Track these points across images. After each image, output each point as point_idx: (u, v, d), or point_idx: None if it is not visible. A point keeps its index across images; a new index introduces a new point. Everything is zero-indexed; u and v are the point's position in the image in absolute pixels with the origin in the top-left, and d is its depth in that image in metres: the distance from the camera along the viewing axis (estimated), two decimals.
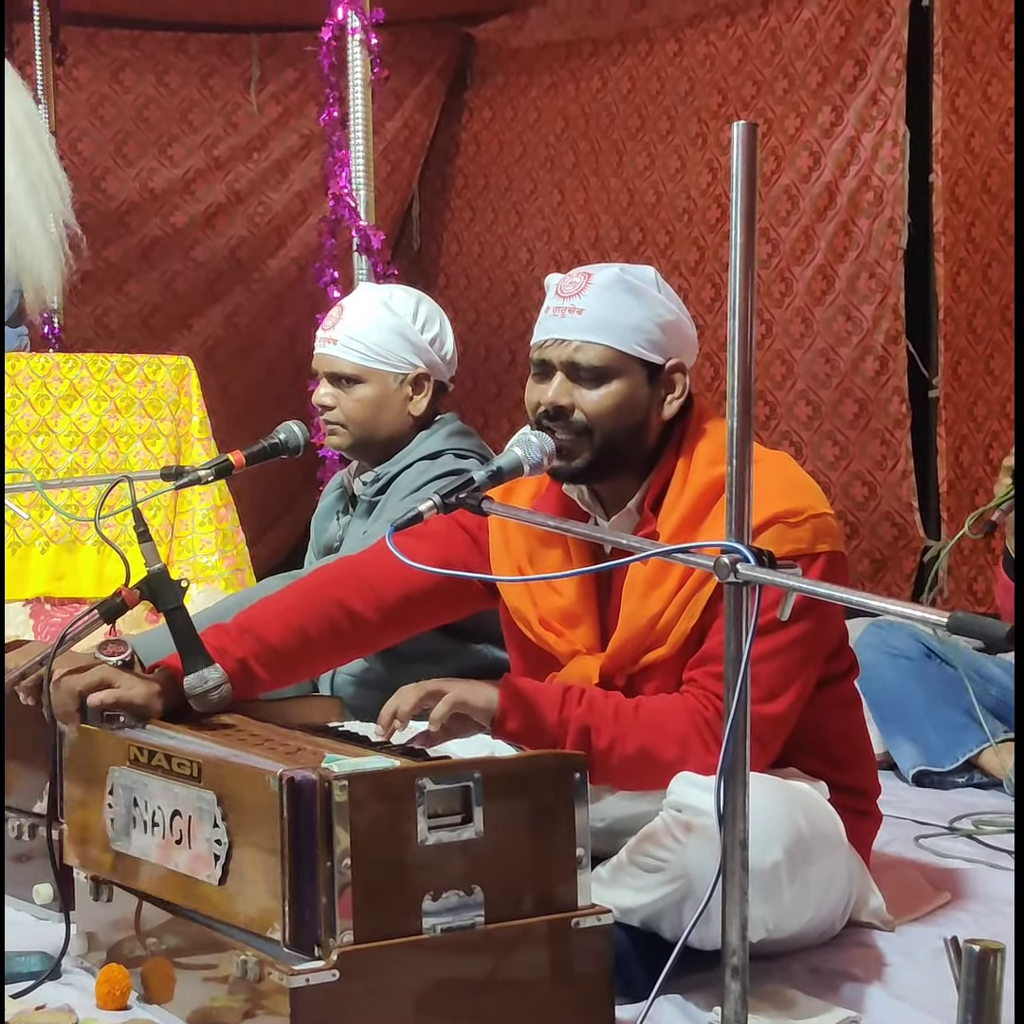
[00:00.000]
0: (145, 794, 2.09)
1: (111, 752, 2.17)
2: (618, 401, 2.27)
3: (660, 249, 6.15)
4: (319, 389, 3.09)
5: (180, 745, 2.11)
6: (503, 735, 2.20)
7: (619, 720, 2.18)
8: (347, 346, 3.04)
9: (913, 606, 1.68)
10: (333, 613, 2.42)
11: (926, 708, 3.42)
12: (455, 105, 7.14)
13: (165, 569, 2.26)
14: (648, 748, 2.18)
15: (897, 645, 3.50)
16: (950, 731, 3.39)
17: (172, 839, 2.04)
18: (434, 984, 1.89)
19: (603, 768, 2.18)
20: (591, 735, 2.16)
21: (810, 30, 5.64)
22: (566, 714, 2.17)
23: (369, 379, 3.05)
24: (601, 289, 2.27)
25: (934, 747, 3.41)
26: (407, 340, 3.06)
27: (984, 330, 5.10)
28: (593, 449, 2.27)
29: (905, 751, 3.45)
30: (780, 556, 2.02)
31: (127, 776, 2.12)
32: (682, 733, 2.17)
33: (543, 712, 2.17)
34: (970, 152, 5.11)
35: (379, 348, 3.04)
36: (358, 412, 3.06)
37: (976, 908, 2.59)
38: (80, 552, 4.23)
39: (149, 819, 2.08)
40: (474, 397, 6.74)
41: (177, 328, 6.74)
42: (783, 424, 5.74)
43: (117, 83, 6.62)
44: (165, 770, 2.06)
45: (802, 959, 2.27)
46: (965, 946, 1.60)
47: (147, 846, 2.10)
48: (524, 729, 2.17)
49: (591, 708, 2.18)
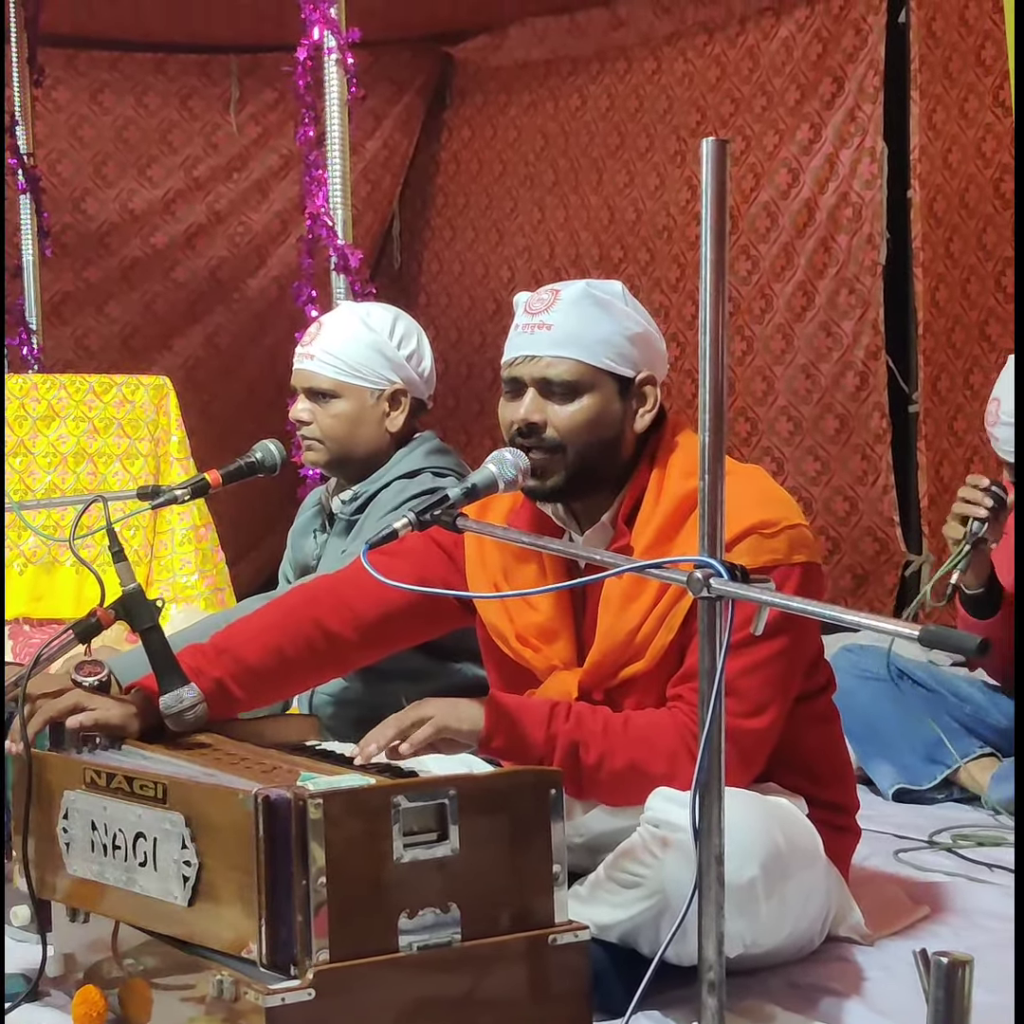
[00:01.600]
0: (104, 817, 2.06)
1: (64, 776, 2.14)
2: (590, 416, 2.27)
3: (641, 267, 6.16)
4: (296, 405, 3.10)
5: (145, 766, 2.09)
6: (489, 752, 2.19)
7: (608, 735, 2.18)
8: (324, 361, 3.05)
9: (886, 619, 1.68)
10: (310, 633, 2.42)
11: (900, 729, 3.41)
12: (434, 124, 7.16)
13: (140, 589, 2.26)
14: (637, 763, 2.18)
15: (869, 668, 3.49)
16: (926, 750, 3.39)
17: (136, 862, 2.02)
18: (411, 1002, 1.88)
19: (592, 784, 2.18)
20: (579, 751, 2.16)
21: (787, 48, 5.66)
22: (553, 730, 2.17)
23: (346, 394, 3.06)
24: (569, 304, 2.28)
25: (911, 767, 3.40)
26: (384, 356, 3.06)
27: (963, 345, 5.12)
28: (567, 466, 2.27)
29: (883, 771, 3.45)
30: (758, 567, 2.04)
31: (83, 800, 2.09)
32: (671, 748, 2.17)
33: (530, 729, 2.17)
34: (948, 168, 5.13)
35: (356, 363, 3.04)
36: (335, 428, 3.07)
37: (955, 921, 2.59)
38: (58, 573, 4.22)
39: (109, 842, 2.05)
40: (456, 415, 6.74)
41: (157, 349, 6.73)
42: (764, 440, 5.75)
43: (96, 104, 6.62)
44: (126, 792, 2.03)
45: (781, 974, 2.27)
46: (934, 958, 1.60)
47: (107, 870, 2.06)
48: (511, 747, 2.17)
49: (579, 724, 2.18)
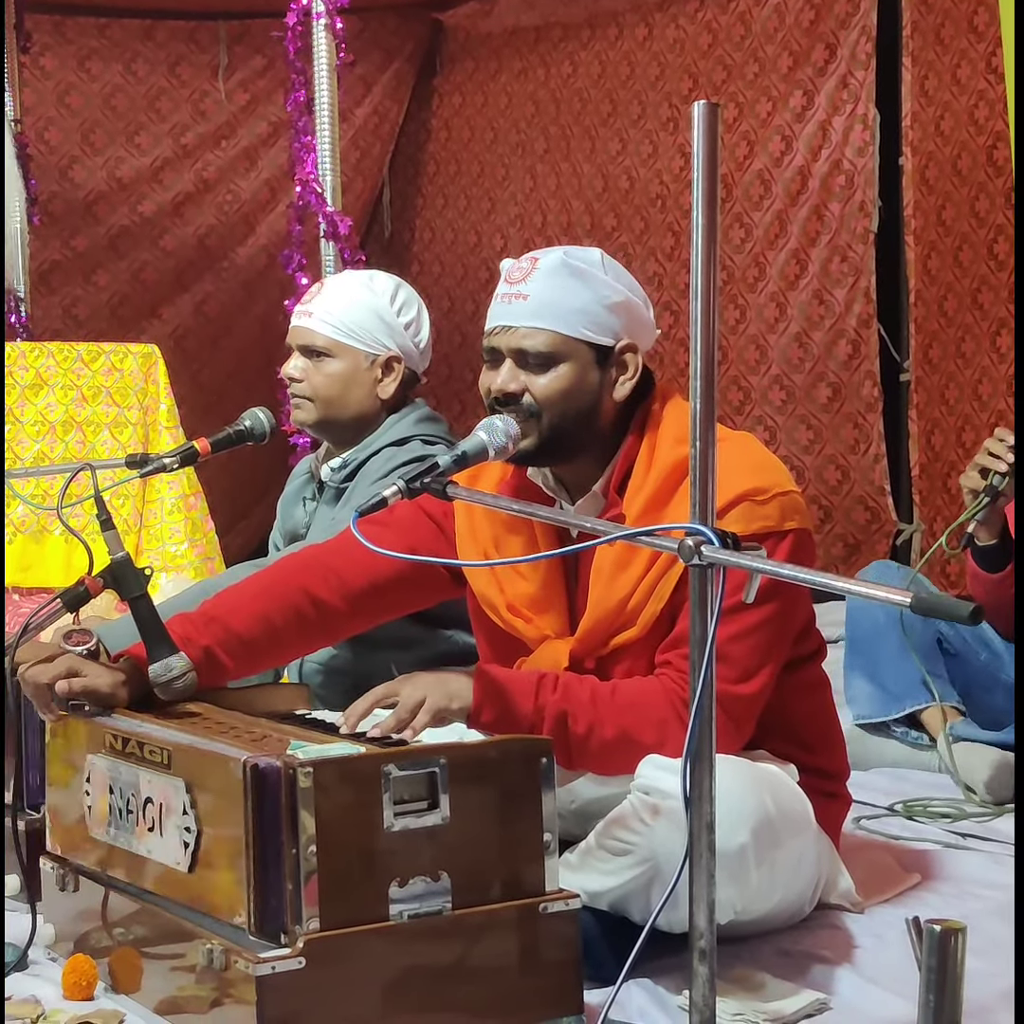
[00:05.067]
0: (120, 781, 2.09)
1: (89, 739, 2.17)
2: (566, 385, 2.27)
3: (636, 235, 6.14)
4: (289, 361, 3.08)
5: (151, 732, 2.10)
6: (479, 726, 2.19)
7: (596, 705, 2.18)
8: (323, 319, 3.04)
9: (877, 586, 1.67)
10: (299, 601, 2.41)
11: (896, 655, 3.41)
12: (425, 91, 7.12)
13: (129, 557, 2.25)
14: (627, 731, 2.18)
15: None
16: (910, 684, 3.39)
17: (145, 826, 2.04)
18: (401, 971, 1.88)
19: (582, 753, 2.17)
20: (568, 721, 2.16)
21: (780, 14, 5.63)
22: (542, 701, 2.17)
23: (340, 354, 3.05)
24: (545, 274, 2.27)
25: (888, 693, 3.40)
26: (383, 321, 3.05)
27: (955, 313, 5.11)
28: (540, 432, 2.27)
29: (859, 692, 3.45)
30: (749, 534, 2.04)
31: (103, 763, 2.12)
32: (660, 715, 2.17)
33: (518, 701, 2.16)
34: (940, 135, 5.11)
35: (354, 325, 3.03)
36: (326, 387, 3.05)
37: (946, 890, 2.59)
38: (47, 542, 4.21)
39: (124, 806, 2.08)
40: (449, 385, 6.73)
41: (146, 317, 6.71)
42: (757, 409, 5.74)
43: (84, 71, 6.58)
44: (138, 757, 2.06)
45: (771, 941, 2.27)
46: (926, 926, 1.60)
47: (122, 834, 2.09)
48: (500, 719, 2.16)
49: (567, 694, 2.18)
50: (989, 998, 2.04)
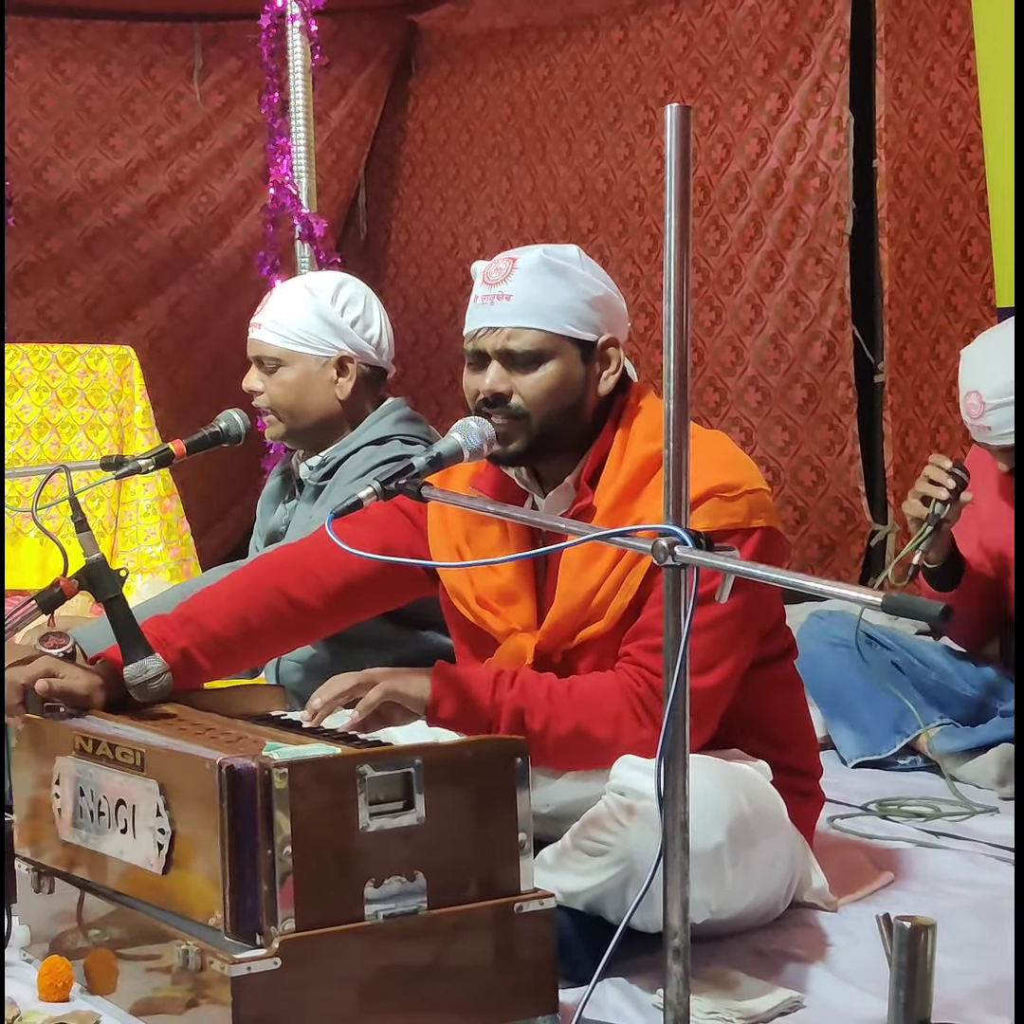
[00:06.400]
0: (91, 784, 2.08)
1: (57, 742, 2.17)
2: (554, 383, 2.28)
3: (613, 237, 6.14)
4: (248, 374, 3.10)
5: (123, 734, 2.10)
6: (437, 722, 2.20)
7: (552, 701, 2.20)
8: (270, 330, 3.06)
9: (848, 587, 1.68)
10: (275, 601, 2.41)
11: (865, 695, 3.43)
12: (400, 93, 7.11)
13: (103, 559, 2.25)
14: (582, 727, 2.19)
15: (838, 634, 3.51)
16: (888, 717, 3.41)
17: (117, 828, 2.03)
18: (377, 971, 1.89)
19: (539, 749, 2.18)
20: (524, 717, 2.18)
21: (754, 16, 5.64)
22: (499, 698, 2.18)
23: (291, 362, 3.06)
24: (526, 273, 2.28)
25: (873, 733, 3.43)
26: (326, 322, 3.05)
27: (929, 315, 5.12)
28: (530, 432, 2.29)
29: (846, 739, 3.48)
30: (716, 530, 2.06)
31: (73, 765, 2.11)
32: (615, 711, 2.19)
33: (476, 697, 2.18)
34: (913, 137, 5.13)
35: (299, 330, 3.04)
36: (282, 396, 3.07)
37: (919, 888, 2.61)
38: (22, 544, 4.20)
39: (95, 808, 2.07)
40: (427, 386, 6.72)
41: (121, 319, 6.68)
42: (733, 410, 5.75)
43: (58, 73, 6.55)
44: (109, 759, 2.05)
45: (745, 940, 2.29)
46: (896, 922, 1.61)
47: (94, 836, 2.09)
48: (458, 715, 2.18)
49: (523, 690, 2.20)
50: (961, 995, 2.06)
